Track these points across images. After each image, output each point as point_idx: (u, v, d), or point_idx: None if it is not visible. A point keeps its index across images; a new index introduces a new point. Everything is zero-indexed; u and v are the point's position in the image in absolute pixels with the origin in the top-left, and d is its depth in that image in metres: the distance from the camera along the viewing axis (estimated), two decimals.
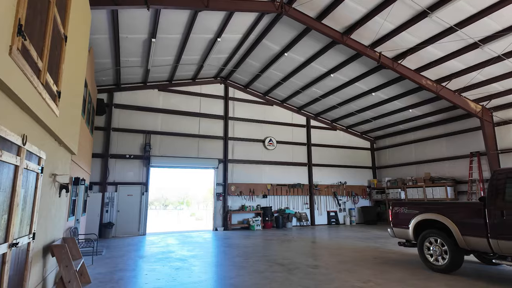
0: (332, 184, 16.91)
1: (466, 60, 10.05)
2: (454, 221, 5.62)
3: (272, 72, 13.47)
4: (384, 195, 16.72)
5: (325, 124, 17.51)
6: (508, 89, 10.99)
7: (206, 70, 13.73)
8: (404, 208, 6.65)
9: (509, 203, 4.91)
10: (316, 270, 6.08)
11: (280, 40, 11.14)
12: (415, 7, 8.39)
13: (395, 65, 10.71)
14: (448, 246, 5.67)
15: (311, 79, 13.44)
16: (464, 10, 8.11)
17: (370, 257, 7.42)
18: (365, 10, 8.90)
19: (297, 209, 15.67)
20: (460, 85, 11.33)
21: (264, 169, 15.29)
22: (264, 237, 11.38)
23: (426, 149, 15.33)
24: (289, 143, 16.19)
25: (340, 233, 12.31)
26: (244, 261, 7.03)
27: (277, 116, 16.29)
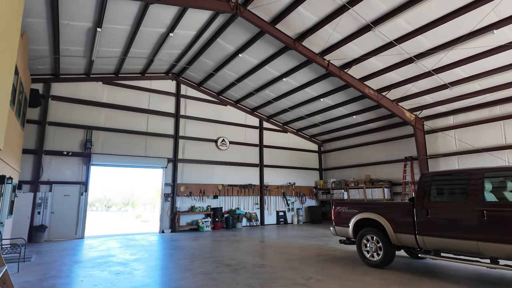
0: (282, 185, 17.37)
1: (403, 73, 11.06)
2: (388, 219, 6.14)
3: (227, 72, 13.43)
4: (329, 196, 17.64)
5: (277, 127, 17.94)
6: (436, 101, 12.34)
7: (157, 65, 13.19)
8: (345, 208, 7.09)
9: (434, 203, 5.50)
10: (263, 269, 6.18)
11: (235, 41, 11.16)
12: (361, 21, 9.01)
13: (342, 73, 11.38)
14: (383, 243, 6.17)
15: (264, 81, 13.67)
16: (402, 27, 8.92)
17: (314, 254, 7.76)
18: (316, 19, 9.33)
19: (247, 209, 15.80)
20: (397, 95, 12.43)
21: (215, 169, 15.16)
22: (213, 238, 11.27)
23: (367, 153, 16.53)
24: (242, 144, 16.27)
25: (288, 232, 12.68)
26: (190, 263, 6.88)
27: (231, 116, 16.28)
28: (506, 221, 4.51)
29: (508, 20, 7.90)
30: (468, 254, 5.03)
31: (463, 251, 5.02)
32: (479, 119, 11.92)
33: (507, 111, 11.20)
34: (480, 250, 4.78)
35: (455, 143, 12.62)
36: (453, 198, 5.27)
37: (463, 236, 4.96)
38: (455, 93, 11.49)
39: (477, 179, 5.03)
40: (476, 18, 8.05)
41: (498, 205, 4.68)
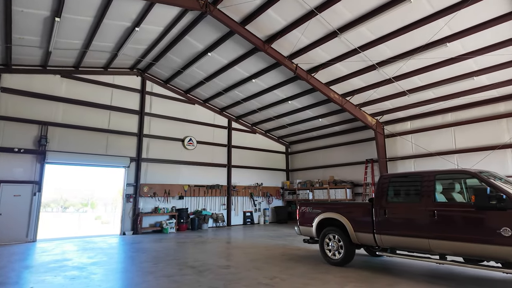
0: (250, 185, 17.43)
1: (366, 79, 11.58)
2: (349, 219, 6.39)
3: (195, 70, 13.21)
4: (295, 196, 18.00)
5: (246, 127, 17.97)
6: (395, 107, 13.07)
7: (121, 60, 12.65)
8: (310, 208, 7.27)
9: (391, 203, 5.81)
10: (227, 270, 6.15)
11: (204, 39, 11.02)
12: (328, 27, 9.30)
13: (309, 77, 11.67)
14: (343, 241, 6.41)
15: (234, 81, 13.64)
16: (366, 35, 9.34)
17: (278, 254, 7.87)
18: (285, 22, 9.48)
19: (214, 210, 15.65)
20: (360, 100, 12.99)
21: (182, 169, 14.84)
22: (178, 240, 11.02)
23: (332, 155, 17.10)
24: (210, 143, 16.09)
25: (254, 233, 12.74)
26: (153, 266, 6.67)
27: (199, 115, 16.04)
28: (453, 220, 4.88)
29: (459, 35, 8.57)
30: (420, 251, 5.37)
31: (416, 248, 5.36)
32: (433, 125, 12.80)
33: (457, 118, 12.14)
34: (431, 247, 5.13)
35: (412, 147, 13.45)
36: (408, 199, 5.61)
37: (417, 235, 5.29)
38: (412, 100, 12.24)
39: (429, 181, 5.39)
40: (431, 31, 8.64)
41: (447, 205, 5.06)
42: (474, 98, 11.34)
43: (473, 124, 11.68)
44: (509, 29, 8.13)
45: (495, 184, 4.63)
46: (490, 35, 8.44)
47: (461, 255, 4.84)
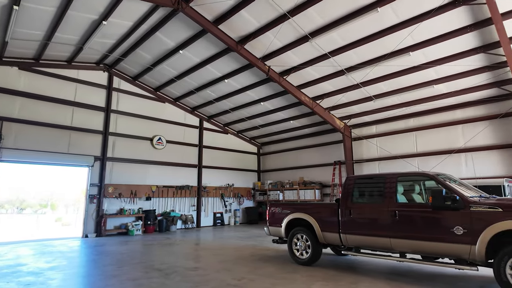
0: (221, 186, 17.30)
1: (335, 84, 11.95)
2: (316, 219, 6.55)
3: (166, 67, 12.90)
4: (265, 196, 18.13)
5: (217, 127, 17.83)
6: (362, 112, 13.59)
7: (86, 54, 12.05)
8: (279, 209, 7.35)
9: (356, 203, 6.03)
10: (195, 272, 6.06)
11: (176, 37, 10.80)
12: (299, 31, 9.48)
13: (281, 79, 11.83)
14: (311, 241, 6.55)
15: (206, 81, 13.48)
16: (335, 41, 9.64)
17: (248, 255, 7.88)
18: (259, 24, 9.53)
19: (183, 211, 15.35)
20: (330, 104, 13.37)
21: (150, 169, 14.40)
22: (144, 242, 10.68)
23: (302, 156, 17.44)
24: (180, 143, 15.76)
25: (224, 234, 12.66)
26: (117, 269, 6.41)
27: (169, 114, 15.66)
28: (413, 220, 5.16)
29: (421, 45, 9.10)
30: (383, 250, 5.63)
31: (378, 247, 5.60)
32: (397, 130, 13.47)
33: (419, 123, 12.86)
34: (392, 246, 5.38)
35: (377, 150, 14.06)
36: (371, 200, 5.85)
37: (379, 234, 5.54)
38: (378, 105, 12.81)
39: (391, 182, 5.66)
40: (396, 40, 9.10)
41: (407, 205, 5.34)
42: (434, 105, 12.08)
43: (432, 129, 12.43)
44: (465, 41, 8.77)
45: (450, 186, 4.96)
46: (448, 47, 9.04)
47: (419, 253, 5.13)
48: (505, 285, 4.16)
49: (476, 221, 4.48)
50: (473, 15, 7.95)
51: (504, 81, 9.99)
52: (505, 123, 10.73)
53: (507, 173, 10.51)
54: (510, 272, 4.15)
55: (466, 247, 4.54)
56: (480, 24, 8.08)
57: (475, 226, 4.47)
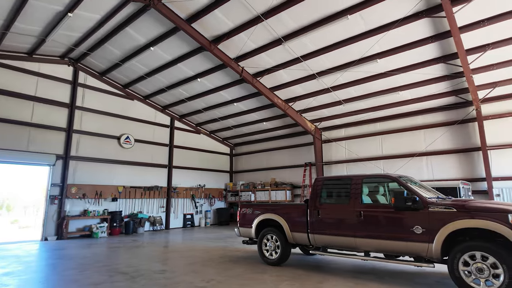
0: (192, 187, 17.02)
1: (307, 87, 12.20)
2: (286, 220, 6.64)
3: (135, 64, 12.50)
4: (237, 197, 18.10)
5: (190, 127, 17.54)
6: (332, 115, 14.00)
7: (50, 46, 11.39)
8: (250, 210, 7.38)
9: (323, 204, 6.19)
10: (162, 275, 5.91)
11: (147, 33, 10.50)
12: (273, 34, 9.59)
13: (254, 81, 11.89)
14: (280, 241, 6.63)
15: (178, 79, 13.23)
16: (307, 46, 9.85)
17: (217, 256, 7.82)
18: (233, 25, 9.52)
19: (151, 213, 14.92)
20: (301, 107, 13.63)
21: (117, 169, 13.86)
22: (109, 244, 10.26)
23: (274, 157, 17.61)
24: (149, 142, 15.32)
25: (194, 235, 12.47)
26: (78, 274, 6.10)
27: (138, 112, 15.18)
28: (376, 220, 5.39)
29: (387, 53, 9.54)
30: (348, 249, 5.82)
31: (344, 246, 5.79)
32: (364, 133, 14.01)
33: (384, 127, 13.46)
34: (357, 245, 5.59)
35: (345, 152, 14.53)
36: (338, 200, 6.04)
37: (345, 234, 5.72)
38: (347, 109, 13.25)
39: (357, 184, 5.88)
40: (365, 48, 9.47)
41: (371, 206, 5.57)
42: (399, 111, 12.71)
43: (397, 133, 13.07)
44: (427, 51, 9.31)
45: (411, 188, 5.24)
46: (412, 56, 9.56)
47: (382, 251, 5.37)
48: (457, 280, 4.46)
49: (433, 220, 4.77)
50: (434, 27, 8.47)
51: (461, 90, 10.74)
52: (462, 129, 11.52)
53: (462, 176, 11.29)
54: (462, 268, 4.45)
55: (424, 245, 4.81)
56: (440, 36, 8.63)
57: (433, 226, 4.76)
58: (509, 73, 9.63)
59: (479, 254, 4.33)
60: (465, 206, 4.58)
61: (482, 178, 10.80)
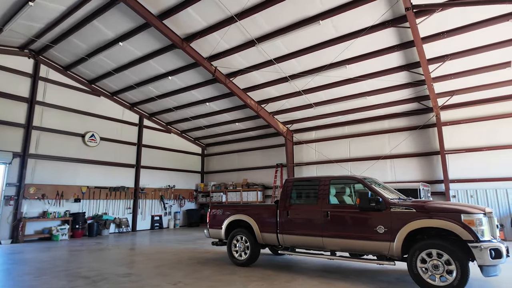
0: (160, 188, 16.59)
1: (279, 89, 12.36)
2: (256, 220, 6.67)
3: (103, 59, 11.99)
4: (208, 198, 17.90)
5: (159, 126, 17.10)
6: (304, 117, 14.29)
7: (7, 36, 10.62)
8: (220, 211, 7.33)
9: (293, 205, 6.29)
10: (127, 279, 5.70)
11: (116, 27, 10.12)
12: (246, 35, 9.62)
13: (227, 81, 11.84)
14: (250, 242, 6.65)
15: (148, 76, 12.86)
16: (280, 49, 9.99)
17: (185, 258, 7.68)
18: (206, 23, 9.43)
19: (117, 214, 14.36)
20: (274, 109, 13.78)
21: (80, 168, 13.19)
22: (71, 248, 9.74)
23: (246, 158, 17.64)
24: (116, 141, 14.74)
25: (162, 237, 12.16)
26: (35, 279, 5.72)
27: (105, 109, 14.55)
28: (342, 220, 5.57)
29: (356, 59, 9.92)
30: (316, 249, 5.96)
31: (312, 246, 5.92)
32: (333, 136, 14.43)
33: (352, 131, 13.95)
34: (324, 245, 5.73)
35: (315, 154, 14.89)
36: (307, 201, 6.17)
37: (313, 233, 5.85)
38: (317, 112, 13.58)
39: (325, 185, 6.04)
40: (335, 53, 9.77)
41: (338, 206, 5.74)
42: (366, 115, 13.23)
43: (364, 137, 13.59)
44: (393, 59, 9.79)
45: (375, 189, 5.47)
46: (379, 63, 10.00)
47: (347, 250, 5.55)
48: (416, 276, 4.72)
49: (394, 220, 5.01)
50: (399, 37, 8.92)
51: (423, 97, 11.40)
52: (423, 134, 12.22)
53: (422, 178, 11.98)
54: (420, 265, 4.71)
55: (386, 244, 5.04)
56: (405, 45, 9.11)
57: (394, 225, 4.99)
58: (465, 83, 10.38)
59: (435, 252, 4.60)
60: (423, 207, 4.86)
61: (440, 180, 11.52)
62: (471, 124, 11.31)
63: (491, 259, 4.25)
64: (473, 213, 4.49)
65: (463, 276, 4.34)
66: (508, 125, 10.69)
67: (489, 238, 4.48)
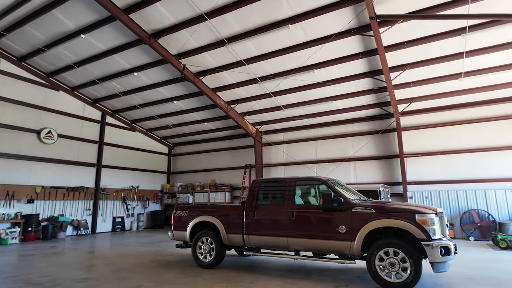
0: (123, 188, 15.92)
1: (249, 91, 12.39)
2: (222, 221, 6.61)
3: (63, 51, 11.28)
4: (174, 200, 17.47)
5: (123, 123, 16.41)
6: (273, 119, 14.44)
7: None
8: (185, 212, 7.17)
9: (259, 206, 6.31)
10: (84, 284, 5.39)
11: (78, 19, 9.57)
12: (216, 34, 9.53)
13: (196, 80, 11.65)
14: (215, 243, 6.57)
15: (112, 71, 12.29)
16: (250, 50, 10.02)
17: (147, 261, 7.42)
18: (175, 20, 9.21)
19: (76, 216, 13.55)
20: (244, 110, 13.78)
21: (35, 167, 12.29)
22: (21, 252, 9.03)
23: (215, 159, 17.47)
24: (76, 138, 13.91)
25: (124, 240, 11.67)
26: None
27: (64, 105, 13.69)
28: (306, 220, 5.68)
29: (323, 64, 10.21)
30: (280, 249, 6.02)
31: (277, 246, 5.97)
32: (301, 138, 14.74)
33: (319, 134, 14.34)
34: (289, 245, 5.81)
35: (283, 155, 15.10)
36: (273, 202, 6.22)
37: (278, 234, 5.91)
38: (286, 114, 13.79)
39: (290, 186, 6.14)
40: (303, 57, 9.98)
41: (303, 207, 5.85)
42: (332, 119, 13.66)
43: (330, 139, 14.03)
44: (358, 66, 10.20)
45: (338, 190, 5.65)
46: (345, 68, 10.38)
47: (311, 250, 5.67)
48: (374, 274, 4.92)
49: (355, 220, 5.20)
50: (364, 45, 9.32)
51: (385, 103, 11.99)
52: (384, 138, 12.86)
53: (383, 180, 12.59)
54: (378, 264, 4.93)
55: (347, 244, 5.22)
56: (369, 53, 9.53)
57: (355, 225, 5.18)
58: (423, 91, 11.08)
59: (392, 250, 4.84)
60: (382, 208, 5.09)
61: (399, 182, 12.18)
62: (427, 130, 12.09)
63: (441, 256, 4.55)
64: (426, 213, 4.78)
65: (416, 273, 4.60)
66: (459, 131, 11.57)
67: (440, 236, 4.79)
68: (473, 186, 11.14)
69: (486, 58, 9.15)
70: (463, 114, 11.56)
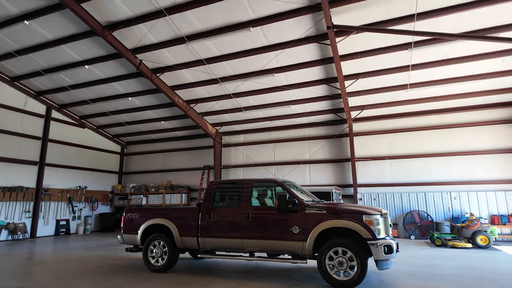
0: (69, 189, 14.77)
1: (209, 91, 12.24)
2: (176, 224, 6.42)
3: (2, 38, 10.19)
4: (126, 201, 16.61)
5: (71, 119, 15.25)
6: (233, 120, 14.41)
7: None
8: (136, 214, 6.84)
9: (216, 208, 6.24)
10: None
11: (20, 2, 8.71)
12: (176, 31, 9.28)
13: (153, 77, 11.22)
14: (168, 247, 6.36)
15: (60, 63, 11.37)
16: (211, 50, 9.91)
17: (93, 266, 6.96)
18: (132, 13, 8.80)
19: (12, 218, 12.27)
20: (203, 110, 13.57)
21: None
22: None
23: (171, 159, 16.95)
24: (15, 134, 12.62)
25: (68, 244, 10.81)
26: None
27: (3, 96, 12.36)
28: (262, 221, 5.73)
29: (283, 69, 10.45)
30: (236, 250, 6.00)
31: (232, 248, 5.95)
32: (260, 140, 14.90)
33: (278, 136, 14.62)
34: (244, 246, 5.82)
35: (243, 157, 15.14)
36: (230, 203, 6.20)
37: (233, 236, 5.89)
38: (246, 116, 13.86)
39: (247, 187, 6.15)
40: (264, 60, 10.12)
41: (259, 208, 5.90)
42: (290, 122, 14.01)
43: (287, 142, 14.36)
44: (315, 72, 10.60)
45: (292, 192, 5.78)
46: (303, 74, 10.71)
47: (265, 251, 5.73)
48: (324, 273, 5.12)
49: (308, 221, 5.36)
50: (321, 53, 9.70)
51: (339, 109, 12.60)
52: (337, 143, 13.48)
53: (335, 182, 13.18)
54: (328, 263, 5.13)
55: (300, 244, 5.36)
56: (325, 61, 9.95)
57: (307, 226, 5.34)
58: (373, 100, 11.82)
59: (340, 250, 5.07)
60: (334, 209, 5.32)
61: (350, 184, 12.84)
62: (376, 136, 12.92)
63: (384, 254, 4.87)
64: (372, 214, 5.09)
65: (362, 271, 4.87)
66: (404, 138, 12.53)
67: (384, 236, 5.13)
68: (415, 189, 12.12)
69: (428, 72, 10.04)
70: (409, 122, 12.56)
